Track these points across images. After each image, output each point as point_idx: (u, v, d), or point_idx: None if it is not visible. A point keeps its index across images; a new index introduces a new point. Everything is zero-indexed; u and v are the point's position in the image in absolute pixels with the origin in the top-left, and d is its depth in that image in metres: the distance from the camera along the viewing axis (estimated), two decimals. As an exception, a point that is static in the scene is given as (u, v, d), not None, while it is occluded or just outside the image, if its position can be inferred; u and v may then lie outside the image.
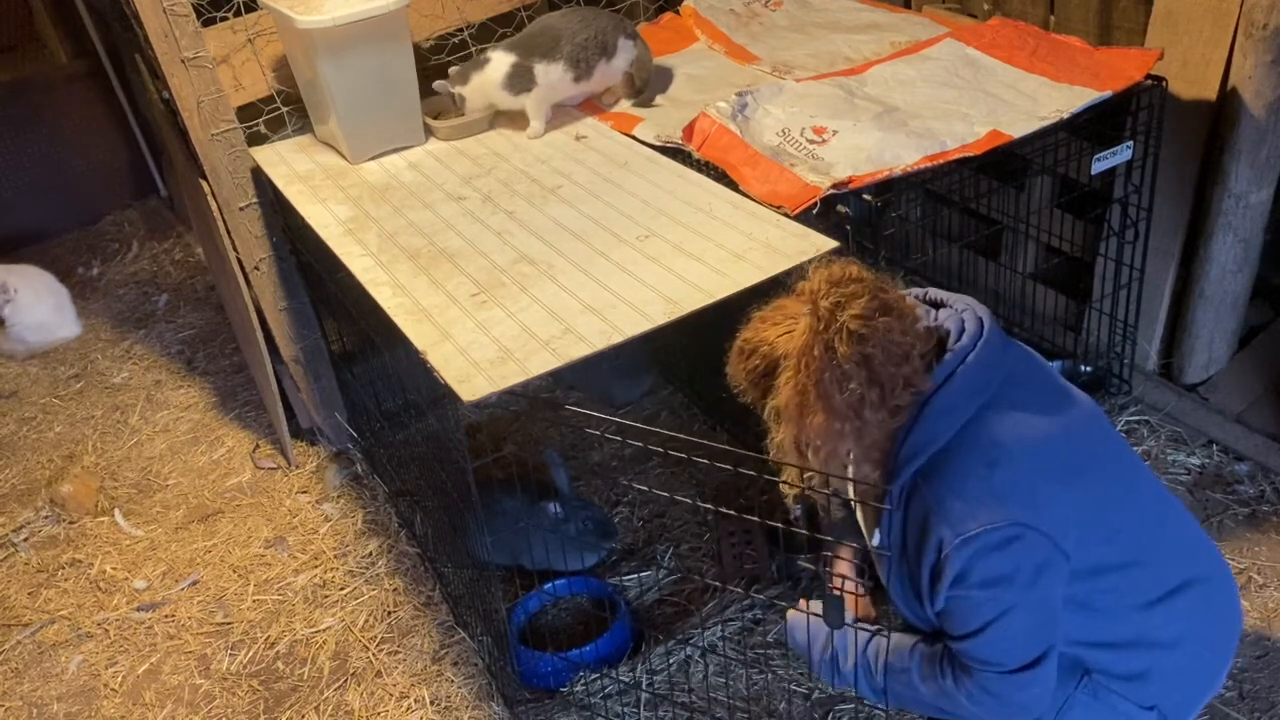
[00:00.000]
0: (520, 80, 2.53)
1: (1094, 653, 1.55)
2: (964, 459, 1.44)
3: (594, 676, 2.21)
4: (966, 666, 1.50)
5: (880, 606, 1.79)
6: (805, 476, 1.53)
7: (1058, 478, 1.46)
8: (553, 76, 2.57)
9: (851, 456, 1.49)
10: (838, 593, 1.65)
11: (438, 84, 2.56)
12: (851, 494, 1.56)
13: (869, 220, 2.17)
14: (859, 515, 1.70)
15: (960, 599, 1.45)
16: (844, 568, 1.81)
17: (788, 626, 1.77)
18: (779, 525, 1.74)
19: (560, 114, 2.69)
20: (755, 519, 1.71)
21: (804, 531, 1.73)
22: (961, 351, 1.46)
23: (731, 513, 1.77)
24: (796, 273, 1.70)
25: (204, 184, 2.65)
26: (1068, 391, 1.57)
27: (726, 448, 1.59)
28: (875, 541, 1.56)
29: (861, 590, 1.76)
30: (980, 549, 1.40)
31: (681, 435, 1.63)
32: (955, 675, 1.52)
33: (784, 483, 1.57)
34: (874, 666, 1.62)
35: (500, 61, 2.53)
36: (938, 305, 1.58)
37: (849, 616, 1.65)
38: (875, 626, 1.65)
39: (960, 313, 1.52)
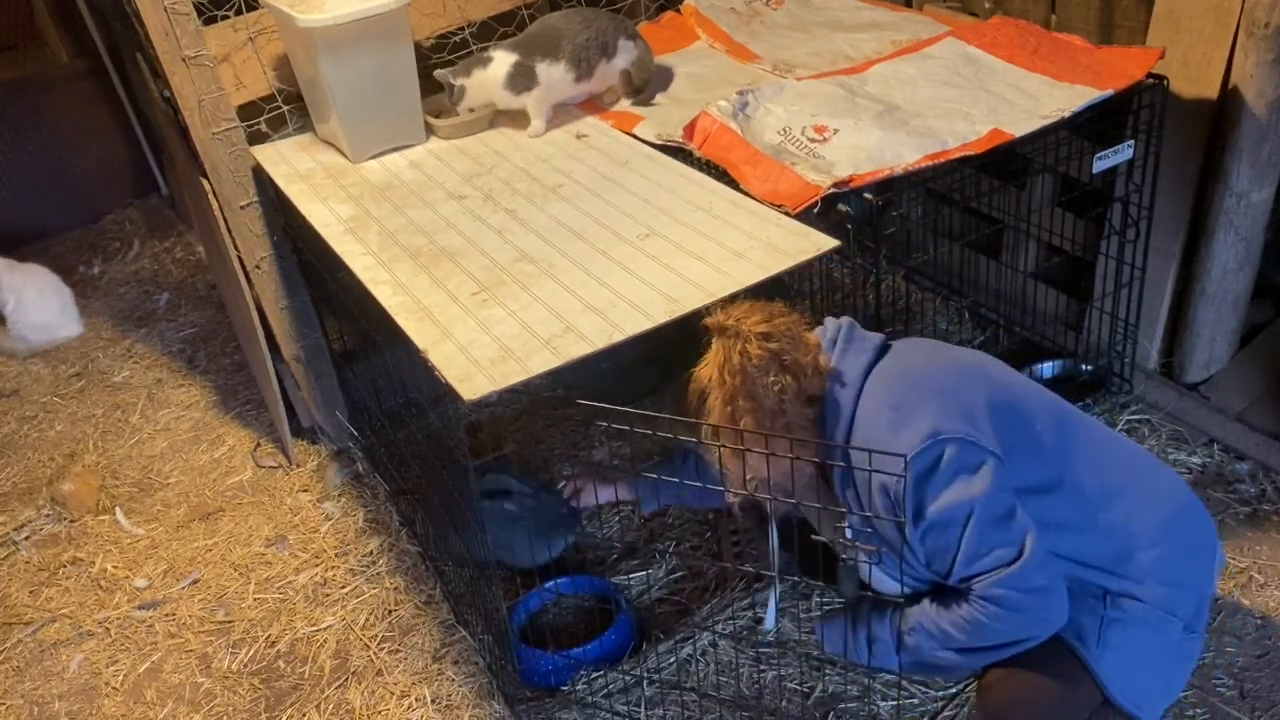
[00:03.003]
0: (522, 79, 2.54)
1: (1092, 573, 1.67)
2: (870, 418, 1.63)
3: (595, 675, 2.21)
4: (970, 588, 1.60)
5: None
6: (749, 481, 1.68)
7: (956, 398, 1.62)
8: (554, 76, 2.57)
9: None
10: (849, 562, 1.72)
11: (439, 74, 2.56)
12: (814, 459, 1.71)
13: (870, 219, 2.17)
14: (821, 522, 1.80)
15: (928, 532, 1.58)
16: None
17: (818, 627, 1.88)
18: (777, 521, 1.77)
19: (561, 113, 2.69)
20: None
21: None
22: (832, 339, 1.73)
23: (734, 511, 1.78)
24: (797, 271, 1.82)
25: (205, 182, 2.65)
26: (954, 348, 1.81)
27: (727, 446, 1.61)
28: (848, 534, 1.67)
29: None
30: (917, 476, 1.55)
31: (688, 419, 1.68)
32: (969, 602, 1.60)
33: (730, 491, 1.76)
34: (899, 635, 1.70)
35: (502, 61, 2.53)
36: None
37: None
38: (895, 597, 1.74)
39: (823, 322, 1.77)
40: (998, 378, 1.71)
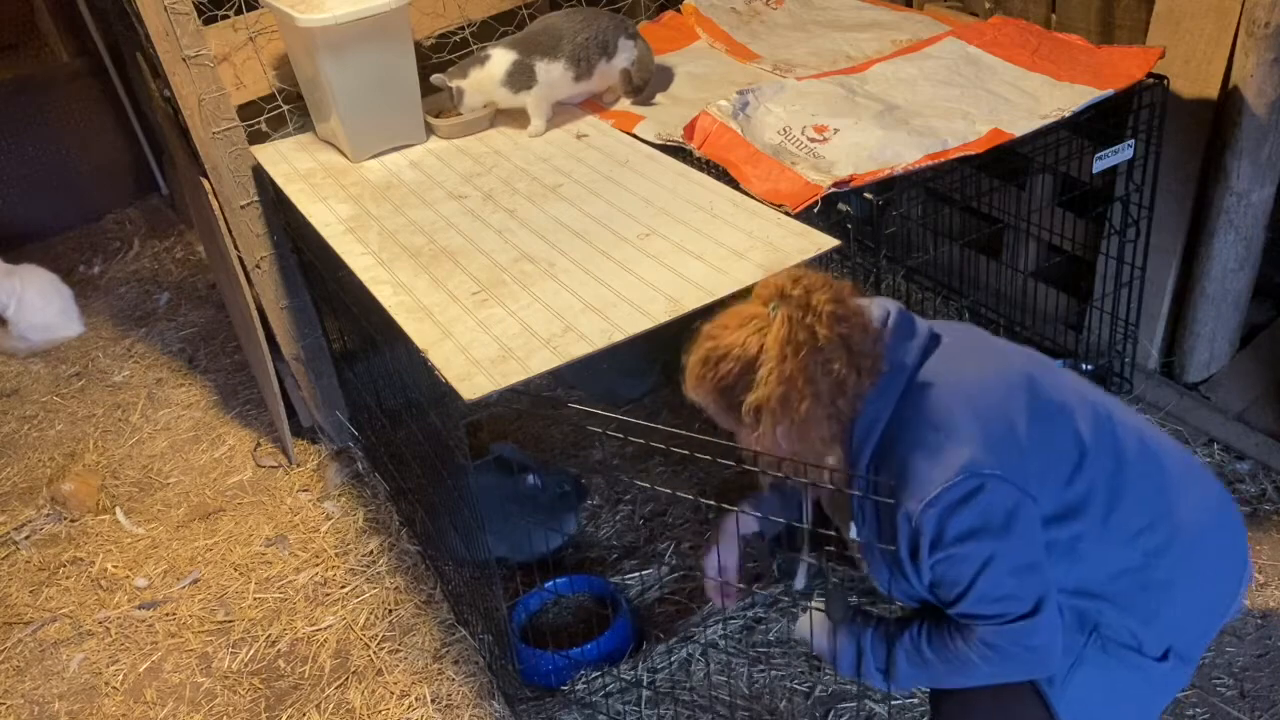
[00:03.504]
0: (521, 78, 2.54)
1: (1094, 604, 1.58)
2: (909, 431, 1.50)
3: (595, 674, 2.21)
4: (970, 627, 1.53)
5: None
6: (785, 467, 1.55)
7: (999, 419, 1.50)
8: (553, 75, 2.57)
9: (820, 447, 1.53)
10: (835, 586, 1.67)
11: (435, 78, 2.57)
12: (827, 483, 1.58)
13: (870, 219, 2.17)
14: (830, 509, 1.72)
15: (942, 562, 1.48)
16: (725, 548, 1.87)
17: (806, 628, 1.78)
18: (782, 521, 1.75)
19: (561, 112, 2.69)
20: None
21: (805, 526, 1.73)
22: (879, 327, 1.56)
23: (733, 509, 1.77)
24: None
25: (205, 182, 2.65)
26: (1001, 347, 1.64)
27: (728, 444, 1.60)
28: (853, 533, 1.59)
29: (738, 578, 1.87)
30: (945, 508, 1.44)
31: (683, 432, 1.64)
32: (963, 637, 1.54)
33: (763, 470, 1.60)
34: (886, 655, 1.64)
35: (501, 59, 2.54)
36: None
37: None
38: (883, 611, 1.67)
39: (871, 304, 1.60)
40: (1045, 390, 1.57)
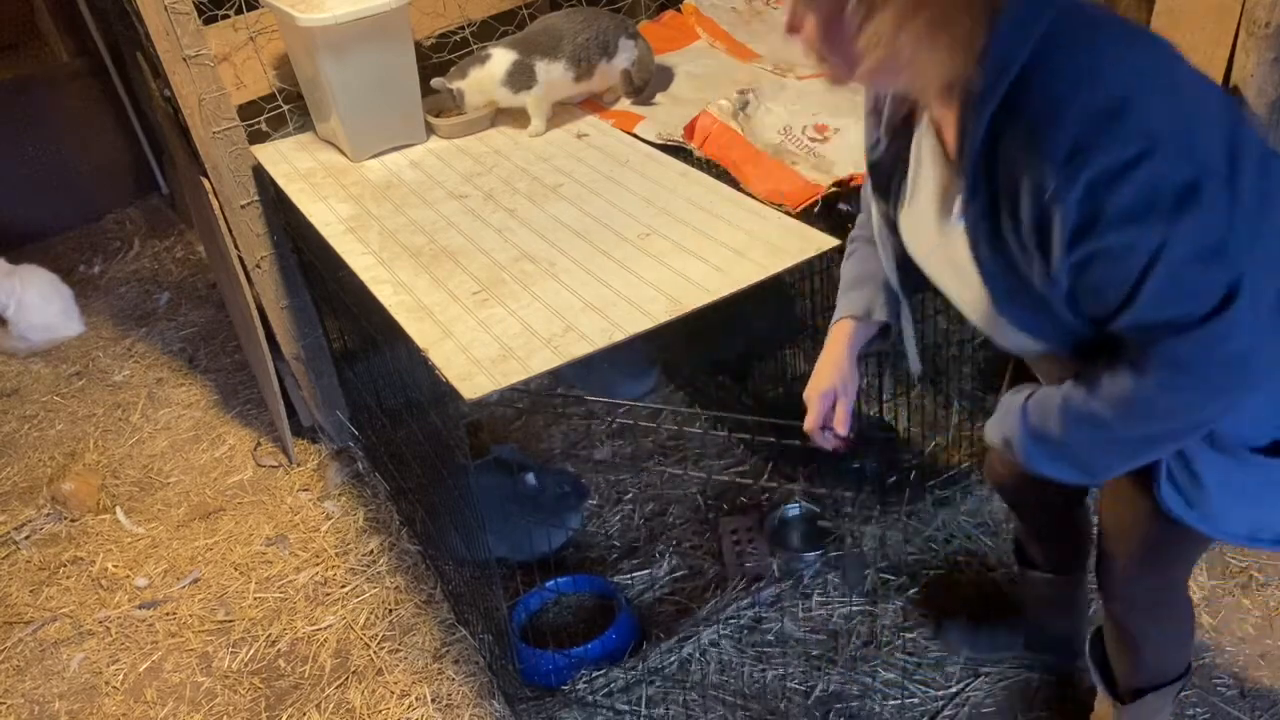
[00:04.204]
0: (521, 78, 2.54)
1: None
2: (1046, 87, 1.11)
3: (595, 674, 2.21)
4: (1142, 345, 1.15)
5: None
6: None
7: (1157, 75, 1.11)
8: (554, 75, 2.57)
9: (947, 58, 1.16)
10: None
11: (435, 82, 2.57)
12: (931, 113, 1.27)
13: (870, 218, 2.16)
14: (933, 176, 1.36)
15: (1093, 260, 1.12)
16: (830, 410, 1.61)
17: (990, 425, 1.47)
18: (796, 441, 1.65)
19: (561, 112, 2.69)
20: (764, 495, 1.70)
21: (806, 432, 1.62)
22: None
23: (738, 485, 1.76)
24: (798, 271, 1.72)
25: (205, 182, 2.65)
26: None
27: (735, 415, 1.59)
28: (955, 216, 1.27)
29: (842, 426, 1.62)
30: (1096, 180, 1.07)
31: (688, 410, 1.63)
32: (1133, 365, 1.16)
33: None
34: (1048, 424, 1.31)
35: (501, 58, 2.54)
36: None
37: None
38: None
39: None
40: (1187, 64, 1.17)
